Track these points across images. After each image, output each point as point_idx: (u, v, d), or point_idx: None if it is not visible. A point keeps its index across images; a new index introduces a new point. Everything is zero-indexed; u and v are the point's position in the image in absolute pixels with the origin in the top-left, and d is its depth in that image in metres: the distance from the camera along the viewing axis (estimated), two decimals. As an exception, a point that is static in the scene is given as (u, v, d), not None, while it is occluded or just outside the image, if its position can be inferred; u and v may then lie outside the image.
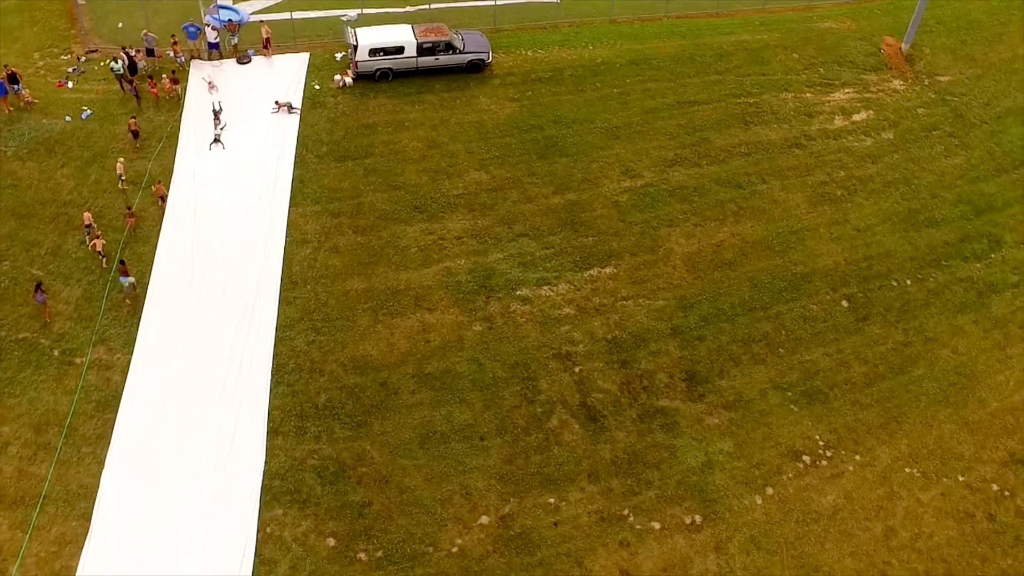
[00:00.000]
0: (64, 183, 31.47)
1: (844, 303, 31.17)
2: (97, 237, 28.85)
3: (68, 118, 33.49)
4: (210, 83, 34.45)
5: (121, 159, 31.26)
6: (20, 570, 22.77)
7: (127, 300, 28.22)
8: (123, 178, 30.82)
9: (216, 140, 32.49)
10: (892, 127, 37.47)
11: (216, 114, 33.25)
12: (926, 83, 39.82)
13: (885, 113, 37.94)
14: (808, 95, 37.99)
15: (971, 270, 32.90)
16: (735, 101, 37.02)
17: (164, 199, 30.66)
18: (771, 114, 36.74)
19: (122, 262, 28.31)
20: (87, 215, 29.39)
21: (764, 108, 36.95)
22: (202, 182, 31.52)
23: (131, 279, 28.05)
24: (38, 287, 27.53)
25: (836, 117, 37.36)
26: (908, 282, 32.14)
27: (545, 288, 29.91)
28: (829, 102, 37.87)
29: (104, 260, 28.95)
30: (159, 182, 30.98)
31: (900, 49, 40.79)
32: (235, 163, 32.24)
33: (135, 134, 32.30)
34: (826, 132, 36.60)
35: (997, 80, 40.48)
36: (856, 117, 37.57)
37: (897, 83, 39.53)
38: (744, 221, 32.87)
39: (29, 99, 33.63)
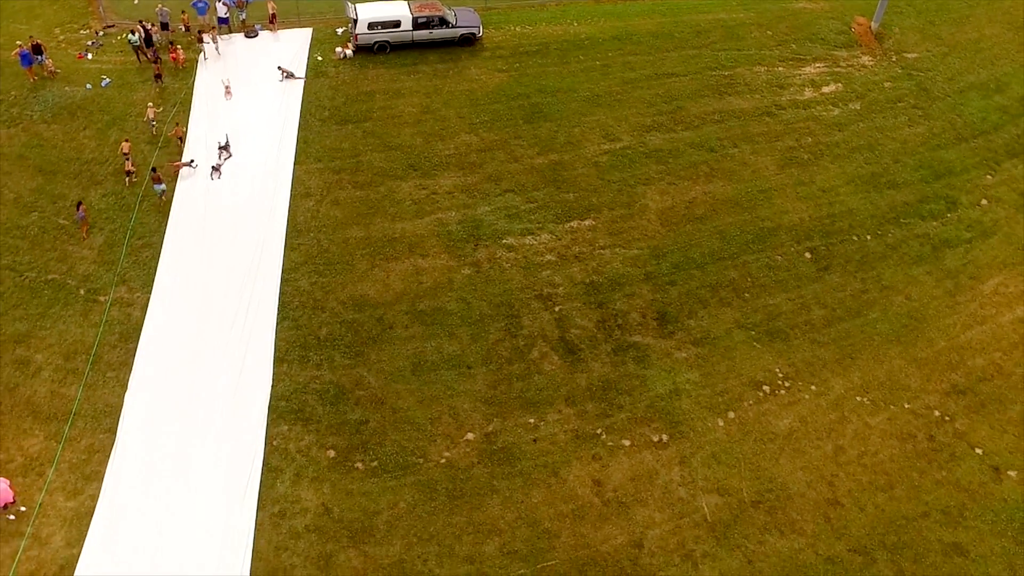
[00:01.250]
0: (86, 143, 34.79)
1: (807, 255, 34.28)
2: (128, 159, 33.46)
3: (89, 86, 36.86)
4: (227, 88, 36.67)
5: (150, 103, 35.34)
6: (56, 472, 25.92)
7: (161, 199, 32.90)
8: (154, 122, 34.87)
9: (216, 168, 33.94)
10: (859, 98, 40.63)
11: (223, 148, 34.58)
12: (894, 59, 42.99)
13: (853, 86, 41.12)
14: (780, 69, 41.21)
15: (927, 227, 35.96)
16: (710, 74, 40.27)
17: (183, 139, 34.67)
18: (744, 85, 39.97)
19: (154, 169, 33.14)
20: (125, 144, 33.86)
21: (738, 80, 40.19)
22: (214, 142, 34.75)
23: (163, 186, 32.74)
24: (79, 205, 31.72)
25: (806, 89, 40.56)
26: (868, 237, 35.23)
27: (529, 238, 33.12)
28: (800, 75, 41.09)
29: (129, 180, 33.57)
30: (177, 124, 35.06)
31: (870, 28, 44.01)
32: (244, 126, 35.57)
33: (158, 77, 36.66)
34: (796, 102, 39.80)
35: (962, 58, 43.56)
36: (825, 89, 40.77)
37: (866, 59, 42.73)
38: (716, 181, 36.06)
39: (52, 69, 36.99)
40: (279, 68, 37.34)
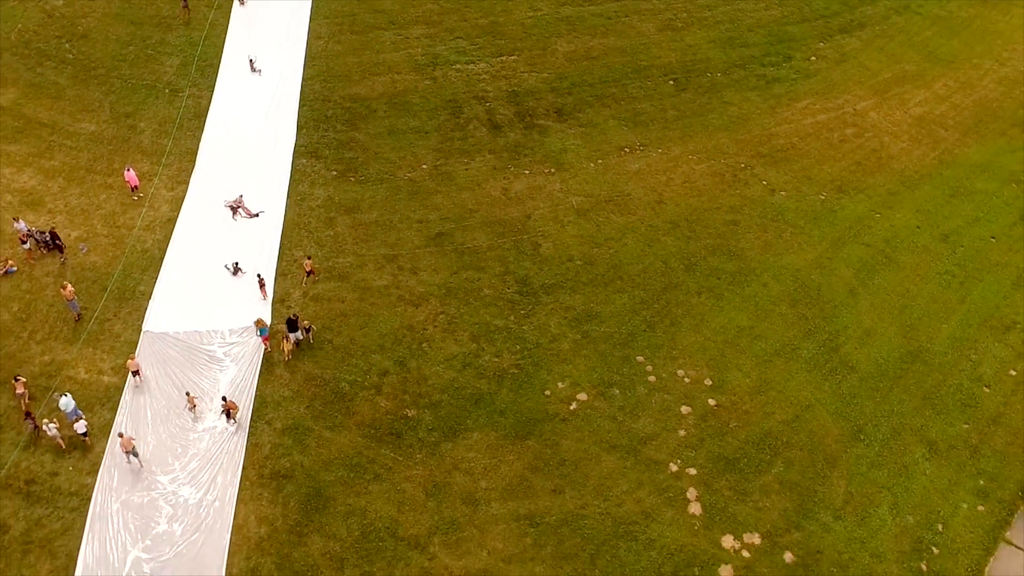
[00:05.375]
0: (162, 7, 54.93)
1: (671, 82, 53.30)
2: None
3: (162, -25, 57.01)
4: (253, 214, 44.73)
5: None
6: (159, 179, 44.91)
7: None
8: None
9: (236, 270, 41.19)
10: (728, -8, 60.11)
11: (234, 208, 44.31)
12: (762, -31, 62.42)
13: (725, -16, 60.64)
14: (669, -29, 60.82)
15: (765, 71, 55.00)
16: (615, -28, 59.96)
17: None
18: (639, -20, 59.63)
19: None
20: None
21: (635, -23, 59.82)
22: (253, 10, 54.70)
23: None
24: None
25: (687, -15, 60.10)
26: (718, 74, 54.24)
27: (471, 65, 52.42)
28: (684, -24, 60.67)
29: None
30: None
31: (745, -53, 63.55)
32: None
33: None
34: (677, -7, 59.37)
35: (818, -31, 63.02)
36: (702, -15, 60.31)
37: (739, -32, 62.23)
38: (609, 37, 55.39)
39: (135, -35, 57.14)
40: None
